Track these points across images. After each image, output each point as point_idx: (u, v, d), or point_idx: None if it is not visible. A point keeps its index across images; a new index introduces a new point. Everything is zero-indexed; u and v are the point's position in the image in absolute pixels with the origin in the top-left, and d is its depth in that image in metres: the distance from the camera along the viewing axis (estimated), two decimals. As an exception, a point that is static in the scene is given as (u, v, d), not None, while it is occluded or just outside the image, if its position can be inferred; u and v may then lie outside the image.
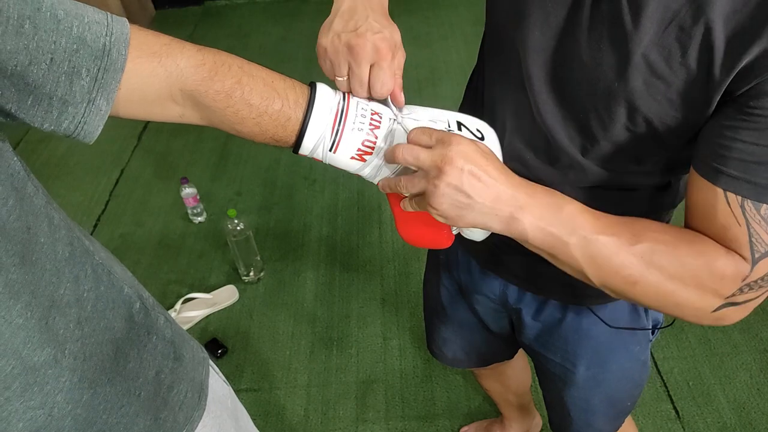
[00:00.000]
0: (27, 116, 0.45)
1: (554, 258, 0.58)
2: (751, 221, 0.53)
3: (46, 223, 0.51)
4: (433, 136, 0.55)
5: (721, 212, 0.54)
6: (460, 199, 0.54)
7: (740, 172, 0.52)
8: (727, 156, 0.53)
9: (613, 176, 0.67)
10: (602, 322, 0.84)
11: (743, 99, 0.52)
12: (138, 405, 0.61)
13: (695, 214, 0.58)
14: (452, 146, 0.53)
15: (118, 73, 0.48)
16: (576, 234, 0.56)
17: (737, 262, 0.54)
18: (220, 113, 0.55)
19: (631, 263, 0.56)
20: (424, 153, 0.54)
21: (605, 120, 0.61)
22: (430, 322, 1.14)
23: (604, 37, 0.57)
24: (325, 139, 0.57)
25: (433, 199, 0.54)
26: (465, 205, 0.54)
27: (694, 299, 0.56)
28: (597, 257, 0.56)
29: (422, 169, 0.55)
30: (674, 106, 0.56)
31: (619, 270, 0.56)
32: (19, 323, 0.47)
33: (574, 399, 0.96)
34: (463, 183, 0.53)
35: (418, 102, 0.65)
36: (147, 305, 0.65)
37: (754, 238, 0.53)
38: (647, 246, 0.56)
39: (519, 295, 0.89)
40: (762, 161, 0.51)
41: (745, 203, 0.53)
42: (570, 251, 0.56)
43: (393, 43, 0.58)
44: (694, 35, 0.52)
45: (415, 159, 0.55)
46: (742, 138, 0.52)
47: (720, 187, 0.54)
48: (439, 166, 0.53)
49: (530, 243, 0.57)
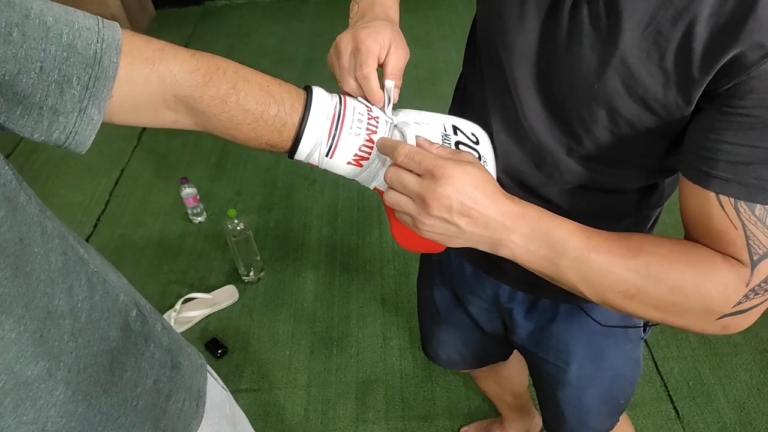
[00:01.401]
0: (16, 126, 0.44)
1: (548, 277, 0.58)
2: (747, 223, 0.52)
3: (39, 232, 0.50)
4: (422, 165, 0.53)
5: (716, 217, 0.54)
6: (449, 228, 0.54)
7: (730, 174, 0.52)
8: (714, 159, 0.53)
9: (599, 177, 0.67)
10: (594, 321, 0.84)
11: (724, 99, 0.52)
12: (135, 415, 0.60)
13: (690, 220, 0.57)
14: (440, 184, 0.52)
15: (109, 81, 0.47)
16: (567, 256, 0.55)
17: (737, 268, 0.53)
18: (214, 119, 0.54)
19: (627, 279, 0.55)
20: (412, 182, 0.54)
21: (587, 121, 0.61)
22: (424, 324, 1.14)
23: (584, 40, 0.57)
24: (321, 144, 0.57)
25: (421, 226, 0.55)
26: (454, 233, 0.54)
27: (696, 310, 0.55)
28: (591, 276, 0.56)
29: (409, 198, 0.55)
30: (653, 108, 0.56)
31: (614, 286, 0.56)
32: (11, 338, 0.46)
33: (568, 398, 0.96)
34: (452, 217, 0.53)
35: (418, 102, 0.65)
36: (144, 312, 0.64)
37: (751, 241, 0.53)
38: (643, 260, 0.55)
39: (511, 294, 0.89)
40: (749, 161, 0.51)
41: (739, 205, 0.52)
42: (562, 272, 0.56)
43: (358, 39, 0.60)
44: (671, 38, 0.52)
45: (402, 187, 0.55)
46: (727, 139, 0.52)
47: (712, 191, 0.53)
48: (426, 202, 0.53)
49: (521, 263, 0.57)
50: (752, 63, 0.49)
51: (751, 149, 0.51)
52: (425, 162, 0.53)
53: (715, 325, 0.56)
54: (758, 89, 0.49)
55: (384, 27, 0.62)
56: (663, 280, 0.54)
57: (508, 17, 0.63)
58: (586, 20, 0.57)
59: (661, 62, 0.53)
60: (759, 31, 0.48)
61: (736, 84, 0.50)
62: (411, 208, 0.55)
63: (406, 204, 0.55)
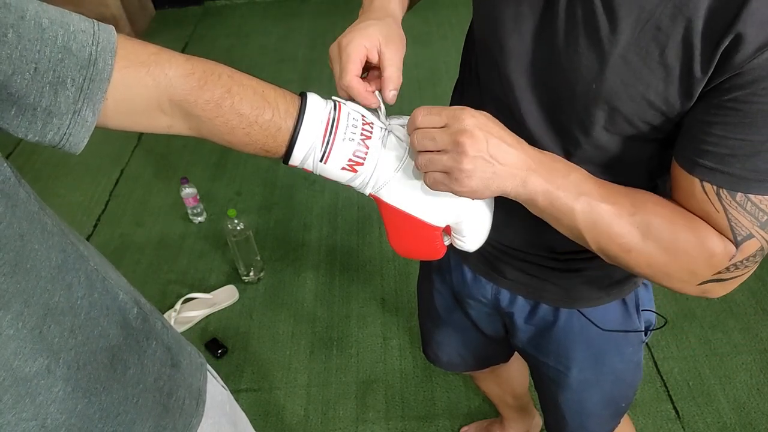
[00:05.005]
0: (10, 127, 0.44)
1: (557, 221, 0.60)
2: (728, 207, 0.55)
3: (39, 229, 0.50)
4: (442, 114, 0.55)
5: (699, 200, 0.57)
6: (486, 168, 0.54)
7: (715, 164, 0.54)
8: (702, 149, 0.55)
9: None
10: (594, 325, 0.84)
11: (717, 92, 0.53)
12: (135, 412, 0.60)
13: (677, 198, 0.60)
14: (466, 119, 0.54)
15: (104, 83, 0.47)
16: (580, 200, 0.57)
17: (725, 243, 0.57)
18: (209, 123, 0.54)
19: (629, 232, 0.58)
20: (440, 134, 0.54)
21: (585, 122, 0.62)
22: (424, 326, 1.14)
23: (580, 40, 0.57)
24: (315, 149, 0.56)
25: (461, 175, 0.54)
26: (491, 174, 0.55)
27: (683, 272, 0.59)
28: (597, 223, 0.58)
29: (443, 150, 0.54)
30: (653, 105, 0.57)
31: (615, 237, 0.58)
32: (9, 334, 0.46)
33: (568, 401, 0.96)
34: (489, 150, 0.54)
35: (418, 102, 0.65)
36: (145, 310, 0.64)
37: (733, 223, 0.55)
38: (645, 217, 0.58)
39: (511, 298, 0.89)
40: (735, 153, 0.53)
41: (721, 191, 0.55)
42: (574, 215, 0.58)
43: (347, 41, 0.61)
44: (671, 34, 0.52)
45: (432, 141, 0.55)
46: (717, 132, 0.53)
47: (696, 177, 0.56)
48: (460, 142, 0.53)
49: (538, 206, 0.58)
50: (745, 57, 0.49)
51: (739, 142, 0.52)
52: (444, 111, 0.55)
53: (696, 289, 0.60)
54: (750, 84, 0.50)
55: (369, 26, 0.62)
56: (660, 239, 0.57)
57: (504, 19, 0.63)
58: (581, 20, 0.57)
59: (661, 58, 0.54)
60: (752, 24, 0.48)
61: (730, 77, 0.51)
62: (445, 159, 0.54)
63: (441, 159, 0.54)
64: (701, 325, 1.82)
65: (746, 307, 1.86)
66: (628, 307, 0.85)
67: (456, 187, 0.55)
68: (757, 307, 1.85)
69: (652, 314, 0.89)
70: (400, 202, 0.60)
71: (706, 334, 1.79)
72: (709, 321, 1.83)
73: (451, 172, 0.54)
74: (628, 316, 0.86)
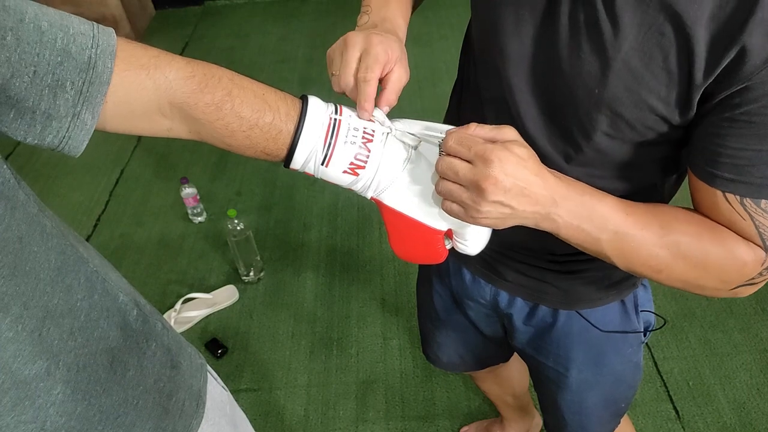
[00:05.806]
0: (9, 130, 0.44)
1: (585, 249, 0.61)
2: (754, 215, 0.55)
3: (38, 231, 0.50)
4: (472, 150, 0.53)
5: (724, 210, 0.57)
6: (503, 211, 0.54)
7: (735, 175, 0.54)
8: (718, 161, 0.55)
9: (598, 183, 0.67)
10: (593, 326, 0.84)
11: (727, 105, 0.52)
12: (135, 414, 0.60)
13: (701, 210, 0.60)
14: (494, 166, 0.51)
15: (103, 86, 0.47)
16: (607, 231, 0.58)
17: (755, 250, 0.57)
18: (209, 126, 0.54)
19: (658, 255, 0.59)
20: (465, 169, 0.53)
21: (587, 127, 0.61)
22: (424, 327, 1.14)
23: (583, 44, 0.57)
24: (317, 152, 0.56)
25: (476, 214, 0.54)
26: (507, 215, 0.55)
27: (715, 282, 0.60)
28: (626, 250, 0.59)
29: (463, 186, 0.54)
30: (655, 110, 0.57)
31: (646, 261, 0.59)
32: (8, 336, 0.46)
33: (568, 402, 0.96)
34: (507, 200, 0.53)
35: (419, 102, 0.65)
36: (145, 311, 0.64)
37: (761, 230, 0.56)
38: (673, 238, 0.58)
39: (510, 300, 0.89)
40: (753, 163, 0.53)
41: (745, 201, 0.55)
42: (600, 245, 0.59)
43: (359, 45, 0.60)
44: (674, 39, 0.52)
45: (454, 175, 0.54)
46: (731, 144, 0.53)
47: (717, 189, 0.56)
48: (482, 187, 0.52)
49: (561, 236, 0.59)
50: (753, 68, 0.49)
51: (755, 152, 0.52)
52: (475, 147, 0.53)
53: (729, 293, 0.61)
54: (762, 97, 0.50)
55: (394, 42, 0.62)
56: (690, 257, 0.58)
57: (504, 23, 0.62)
58: (584, 24, 0.56)
59: (665, 63, 0.53)
60: (759, 35, 0.48)
61: (739, 90, 0.51)
62: (465, 196, 0.54)
63: (459, 193, 0.54)
64: (701, 325, 1.82)
65: (746, 307, 1.86)
66: (627, 308, 0.85)
67: (470, 222, 0.56)
68: (757, 307, 1.85)
69: (651, 315, 0.90)
70: (402, 206, 0.60)
71: (706, 334, 1.79)
72: (709, 321, 1.83)
73: (467, 209, 0.54)
74: (627, 317, 0.86)
